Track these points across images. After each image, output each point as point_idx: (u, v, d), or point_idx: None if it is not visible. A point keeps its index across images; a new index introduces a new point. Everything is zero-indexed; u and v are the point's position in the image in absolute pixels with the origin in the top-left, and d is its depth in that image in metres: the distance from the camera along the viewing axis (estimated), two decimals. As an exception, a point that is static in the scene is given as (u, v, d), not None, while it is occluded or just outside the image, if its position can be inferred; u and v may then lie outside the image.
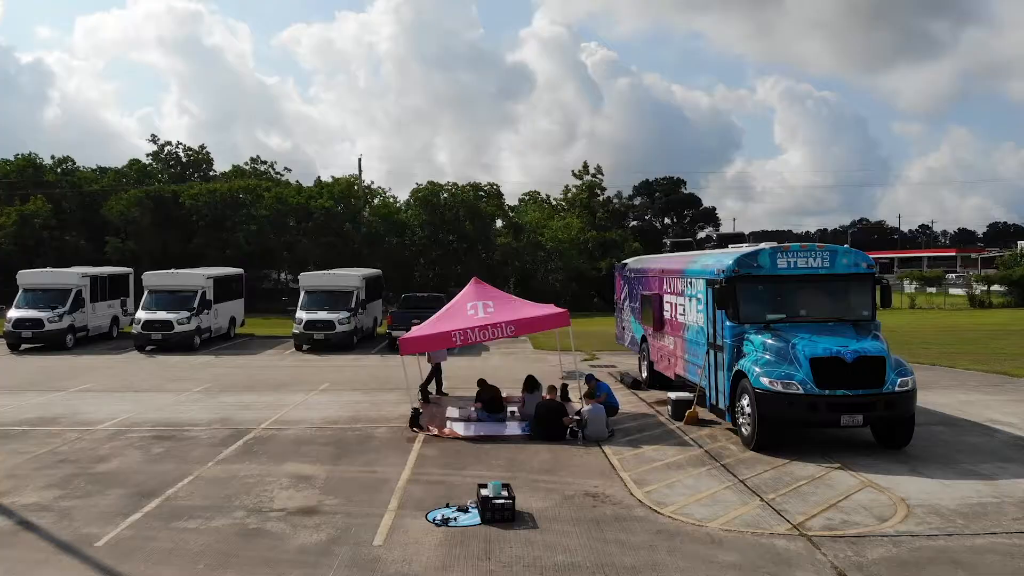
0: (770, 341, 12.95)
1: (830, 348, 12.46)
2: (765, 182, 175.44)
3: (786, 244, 14.12)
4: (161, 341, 27.63)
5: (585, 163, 56.21)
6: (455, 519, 9.46)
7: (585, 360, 25.19)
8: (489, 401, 15.18)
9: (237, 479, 11.33)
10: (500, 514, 9.41)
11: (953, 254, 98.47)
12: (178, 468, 11.91)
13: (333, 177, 53.70)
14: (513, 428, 14.44)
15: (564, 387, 16.82)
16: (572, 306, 51.07)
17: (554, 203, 60.05)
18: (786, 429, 12.82)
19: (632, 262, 22.06)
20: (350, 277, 30.10)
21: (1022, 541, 8.67)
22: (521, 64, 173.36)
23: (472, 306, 15.25)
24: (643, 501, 10.25)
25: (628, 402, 17.15)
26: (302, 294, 29.43)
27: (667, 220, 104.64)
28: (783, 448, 12.68)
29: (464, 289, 16.27)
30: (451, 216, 52.23)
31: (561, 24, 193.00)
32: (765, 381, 12.51)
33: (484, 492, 9.63)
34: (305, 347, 28.40)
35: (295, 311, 29.15)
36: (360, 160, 56.42)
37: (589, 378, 15.84)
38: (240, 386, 20.00)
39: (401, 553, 8.47)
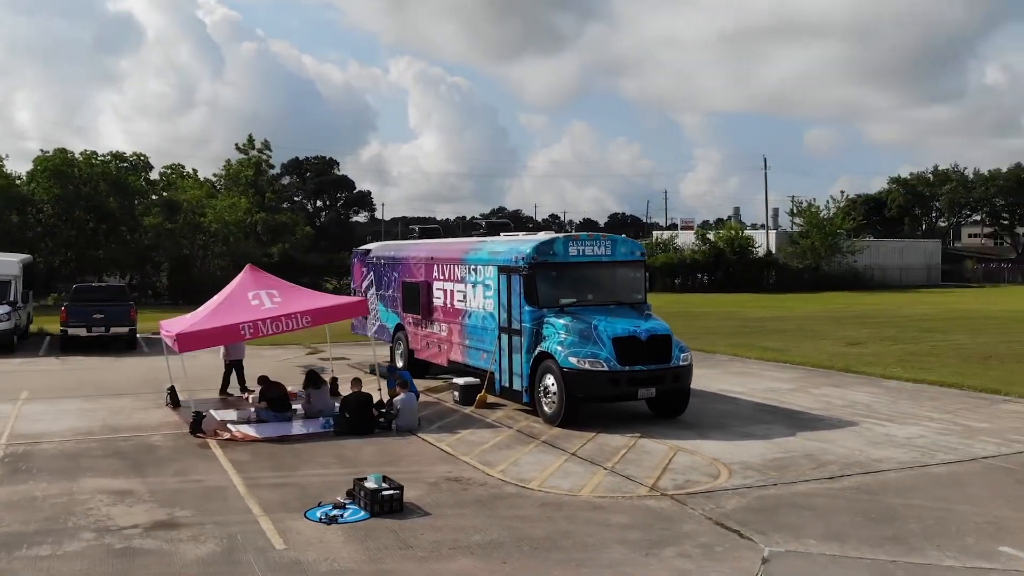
0: (572, 323, 14.74)
1: (627, 328, 14.60)
2: (401, 167, 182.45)
3: (576, 234, 16.08)
4: None
5: (250, 136, 54.69)
6: (341, 516, 9.84)
7: (310, 353, 25.42)
8: (276, 399, 15.18)
9: (40, 500, 10.48)
10: (390, 505, 9.98)
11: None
12: (-55, 496, 10.63)
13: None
14: (312, 425, 14.65)
15: (334, 380, 17.30)
16: (240, 296, 50.01)
17: (203, 179, 57.49)
18: (586, 405, 14.72)
19: (379, 248, 22.81)
20: (6, 264, 26.96)
21: (832, 485, 11.26)
22: (125, 14, 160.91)
23: (254, 295, 15.15)
24: (505, 479, 11.40)
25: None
26: (-60, 285, 25.78)
27: (319, 203, 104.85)
28: (581, 423, 14.52)
29: (239, 277, 16.02)
30: (89, 191, 48.08)
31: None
32: (573, 360, 14.27)
33: (369, 485, 10.10)
34: (-55, 350, 25.00)
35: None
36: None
37: (391, 369, 16.48)
38: (-91, 400, 17.46)
39: (316, 554, 8.75)
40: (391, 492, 10.07)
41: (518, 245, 16.06)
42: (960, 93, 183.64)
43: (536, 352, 15.04)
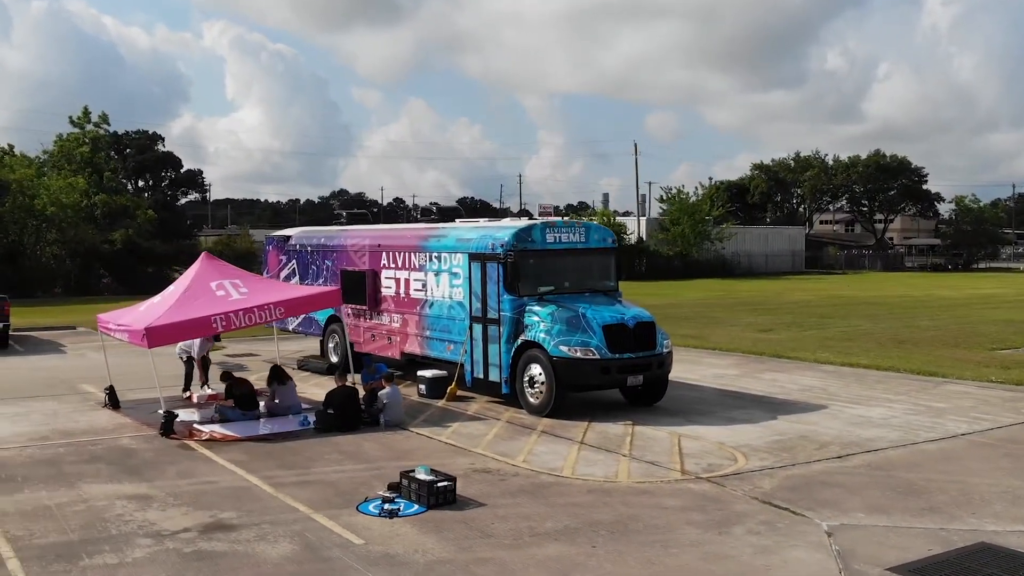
0: (558, 312, 15.54)
1: (614, 316, 15.57)
2: (219, 142, 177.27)
3: (552, 220, 16.89)
4: None
5: (86, 108, 52.21)
6: (398, 509, 10.30)
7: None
8: (244, 397, 15.21)
9: (57, 509, 10.40)
10: (444, 497, 10.51)
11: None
12: (-59, 508, 10.40)
13: None
14: (287, 423, 14.79)
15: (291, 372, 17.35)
16: (79, 290, 47.91)
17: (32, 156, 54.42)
18: (575, 394, 15.61)
19: (301, 235, 22.76)
20: None
21: (843, 464, 12.56)
22: None
23: (218, 285, 15.12)
24: (535, 469, 12.12)
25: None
26: None
27: (141, 183, 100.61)
28: (566, 413, 15.37)
29: (196, 266, 15.82)
30: None
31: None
32: (564, 349, 15.09)
33: (421, 477, 10.60)
34: None
35: None
36: None
37: (368, 361, 16.74)
38: None
39: (402, 547, 9.20)
40: (446, 483, 10.60)
41: (492, 232, 16.68)
42: (801, 79, 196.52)
43: (519, 342, 15.73)
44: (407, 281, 18.47)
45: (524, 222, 17.25)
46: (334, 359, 20.84)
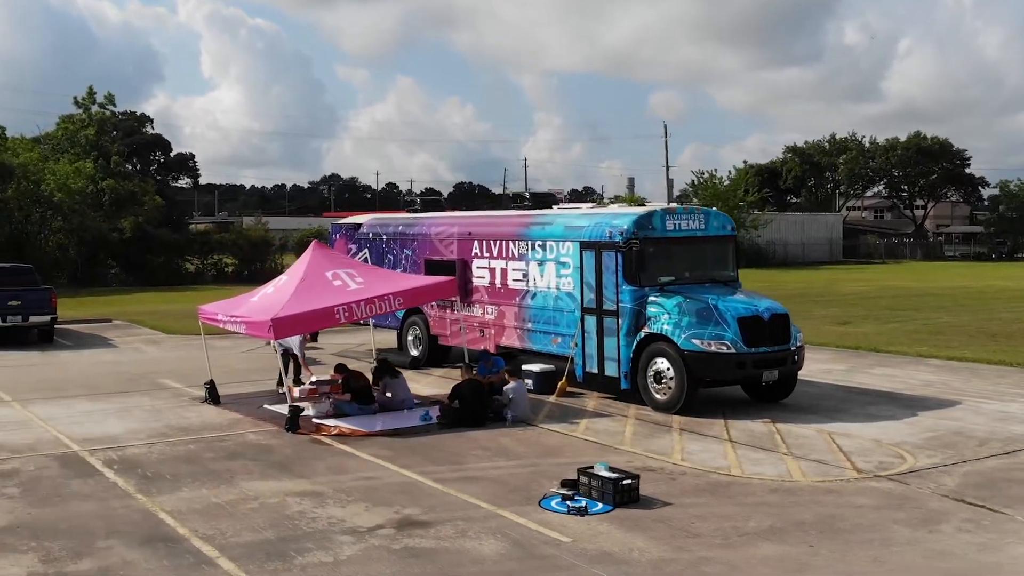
0: (686, 303, 15.78)
1: (748, 307, 15.83)
2: (195, 124, 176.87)
3: (671, 206, 17.13)
4: None
5: (91, 89, 52.20)
6: (585, 507, 10.56)
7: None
8: (360, 391, 15.47)
9: (231, 507, 10.72)
10: (629, 495, 10.80)
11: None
12: (105, 507, 10.88)
13: None
14: (408, 418, 15.05)
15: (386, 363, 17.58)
16: (85, 280, 47.96)
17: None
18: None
19: (374, 223, 22.94)
20: None
21: (1014, 460, 12.81)
22: None
23: (334, 275, 15.35)
24: (701, 468, 12.40)
25: (429, 383, 18.52)
26: None
27: (129, 166, 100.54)
28: (696, 410, 15.63)
29: (307, 256, 16.02)
30: None
31: None
32: (697, 342, 15.34)
33: (604, 474, 10.88)
34: None
35: None
36: None
37: (486, 355, 16.99)
38: None
39: (615, 545, 9.47)
40: (630, 481, 10.88)
41: (608, 218, 16.90)
42: (815, 56, 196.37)
43: (641, 335, 15.96)
44: (504, 271, 18.67)
45: (642, 208, 17.49)
46: (414, 353, 21.10)
